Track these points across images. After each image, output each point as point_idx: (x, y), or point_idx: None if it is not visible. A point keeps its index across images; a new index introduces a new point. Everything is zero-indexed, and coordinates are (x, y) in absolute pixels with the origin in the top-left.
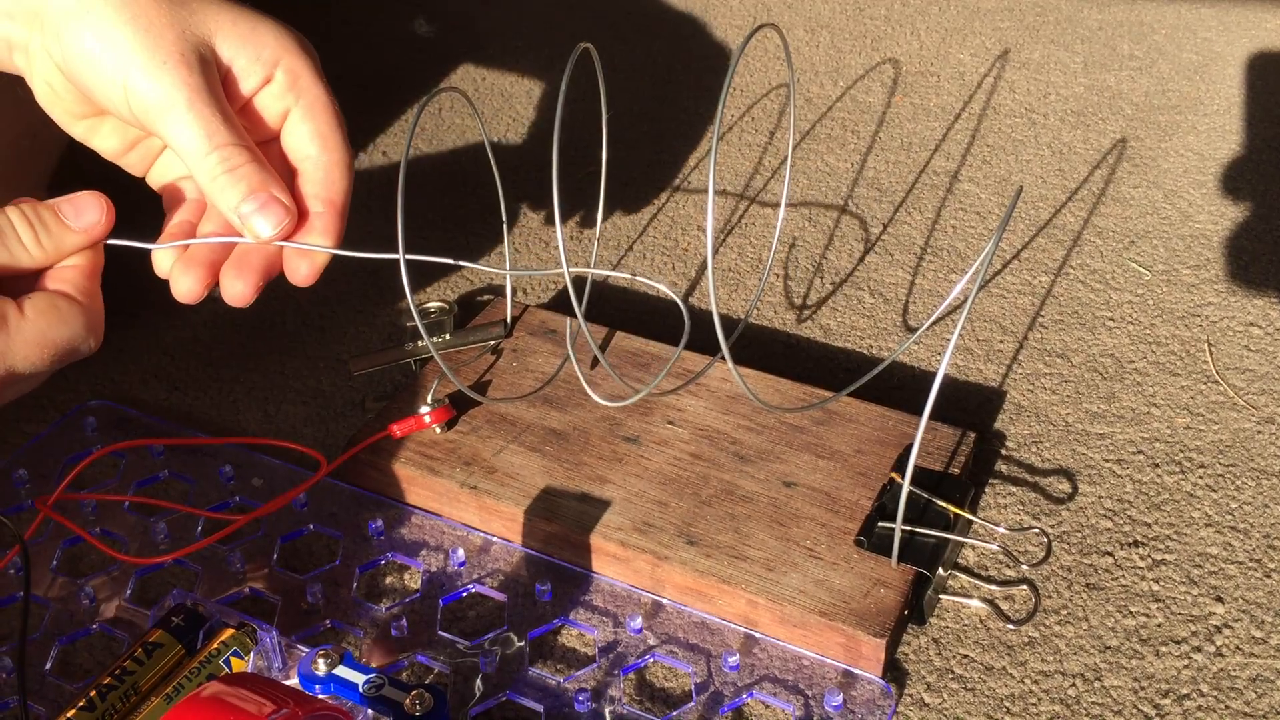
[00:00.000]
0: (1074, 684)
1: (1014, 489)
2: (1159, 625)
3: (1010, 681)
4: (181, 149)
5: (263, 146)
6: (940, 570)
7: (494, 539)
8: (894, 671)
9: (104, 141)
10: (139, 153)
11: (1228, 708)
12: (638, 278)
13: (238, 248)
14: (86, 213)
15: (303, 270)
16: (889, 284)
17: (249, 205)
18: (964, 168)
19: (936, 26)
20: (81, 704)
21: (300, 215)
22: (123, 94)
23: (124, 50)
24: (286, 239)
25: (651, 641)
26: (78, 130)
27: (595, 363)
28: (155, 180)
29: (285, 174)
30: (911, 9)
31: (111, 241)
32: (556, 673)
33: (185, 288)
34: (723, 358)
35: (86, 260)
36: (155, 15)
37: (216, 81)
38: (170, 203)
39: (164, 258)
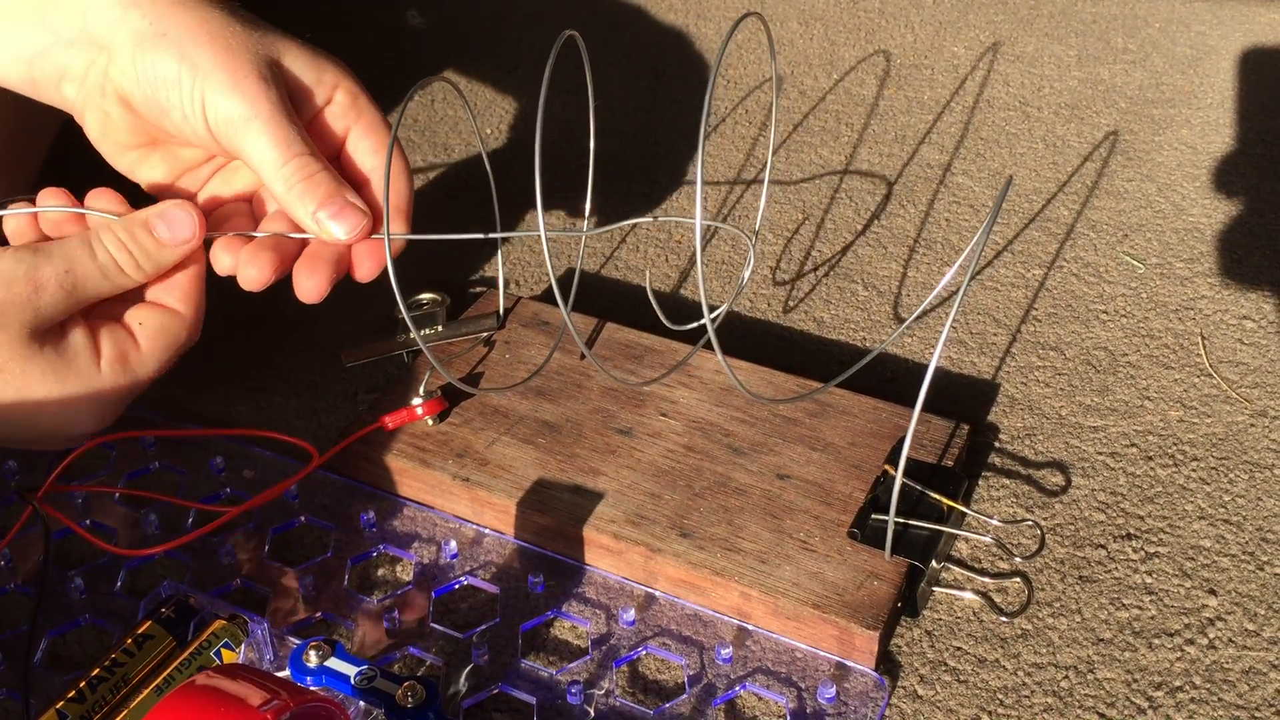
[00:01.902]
0: (1067, 676)
1: (1007, 481)
2: (1152, 618)
3: (1003, 674)
4: (259, 159)
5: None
6: (933, 563)
7: (486, 531)
8: (887, 664)
9: (150, 172)
10: (185, 183)
11: (1220, 700)
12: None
13: (309, 246)
14: (179, 228)
15: (366, 266)
16: (882, 276)
17: (325, 211)
18: (957, 160)
19: (930, 19)
20: (71, 695)
21: (376, 220)
22: (200, 111)
23: (204, 68)
24: (360, 240)
25: (644, 634)
26: (124, 162)
27: (583, 356)
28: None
29: (353, 185)
30: (905, 1)
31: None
32: (549, 665)
33: (253, 274)
34: (708, 344)
35: (191, 265)
36: (230, 36)
37: (287, 98)
38: (218, 222)
39: (225, 254)
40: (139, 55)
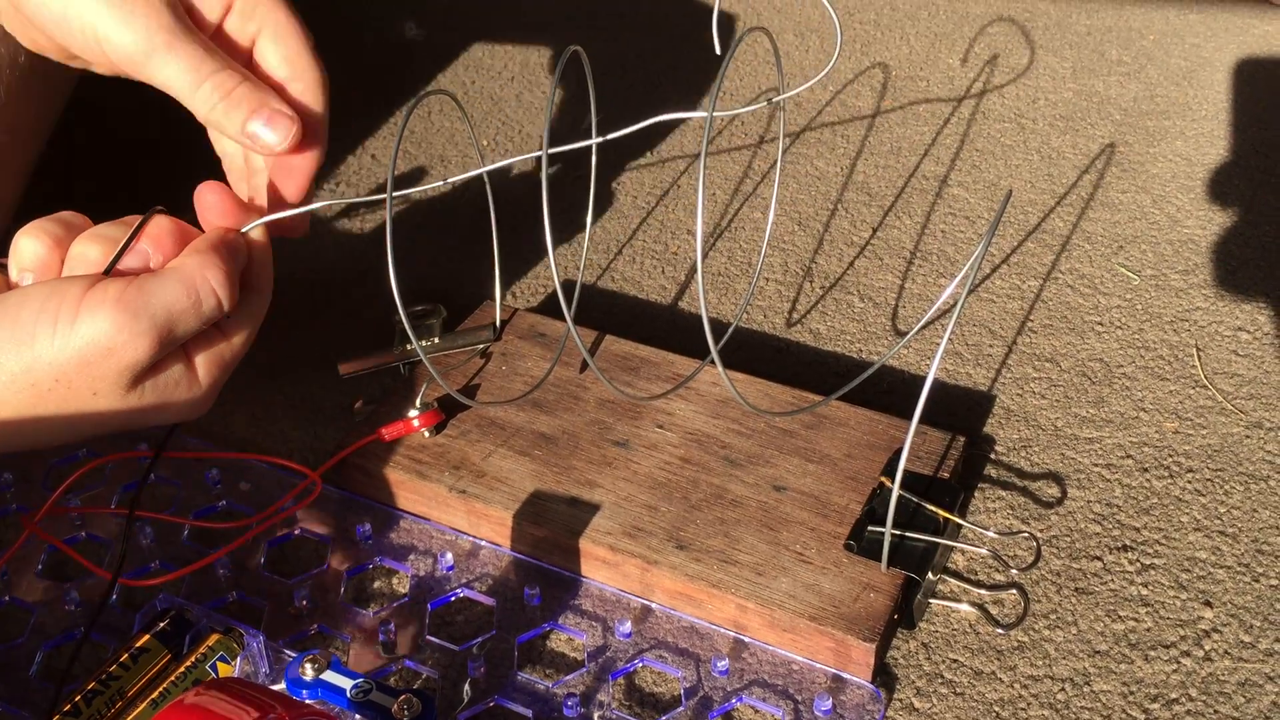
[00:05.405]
0: (1063, 688)
1: (1003, 493)
2: (1148, 630)
3: (999, 686)
4: (172, 87)
5: None
6: (930, 574)
7: (483, 543)
8: (883, 676)
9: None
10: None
11: (1216, 712)
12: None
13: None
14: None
15: (290, 185)
16: (878, 288)
17: (255, 122)
18: (953, 172)
19: (926, 31)
20: (67, 709)
21: (306, 128)
22: (96, 45)
23: (89, 4)
24: (294, 148)
25: (641, 646)
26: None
27: (584, 367)
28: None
29: None
30: (901, 14)
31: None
32: (545, 677)
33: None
34: (712, 361)
35: (258, 253)
36: None
37: (184, 15)
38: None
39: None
40: None
